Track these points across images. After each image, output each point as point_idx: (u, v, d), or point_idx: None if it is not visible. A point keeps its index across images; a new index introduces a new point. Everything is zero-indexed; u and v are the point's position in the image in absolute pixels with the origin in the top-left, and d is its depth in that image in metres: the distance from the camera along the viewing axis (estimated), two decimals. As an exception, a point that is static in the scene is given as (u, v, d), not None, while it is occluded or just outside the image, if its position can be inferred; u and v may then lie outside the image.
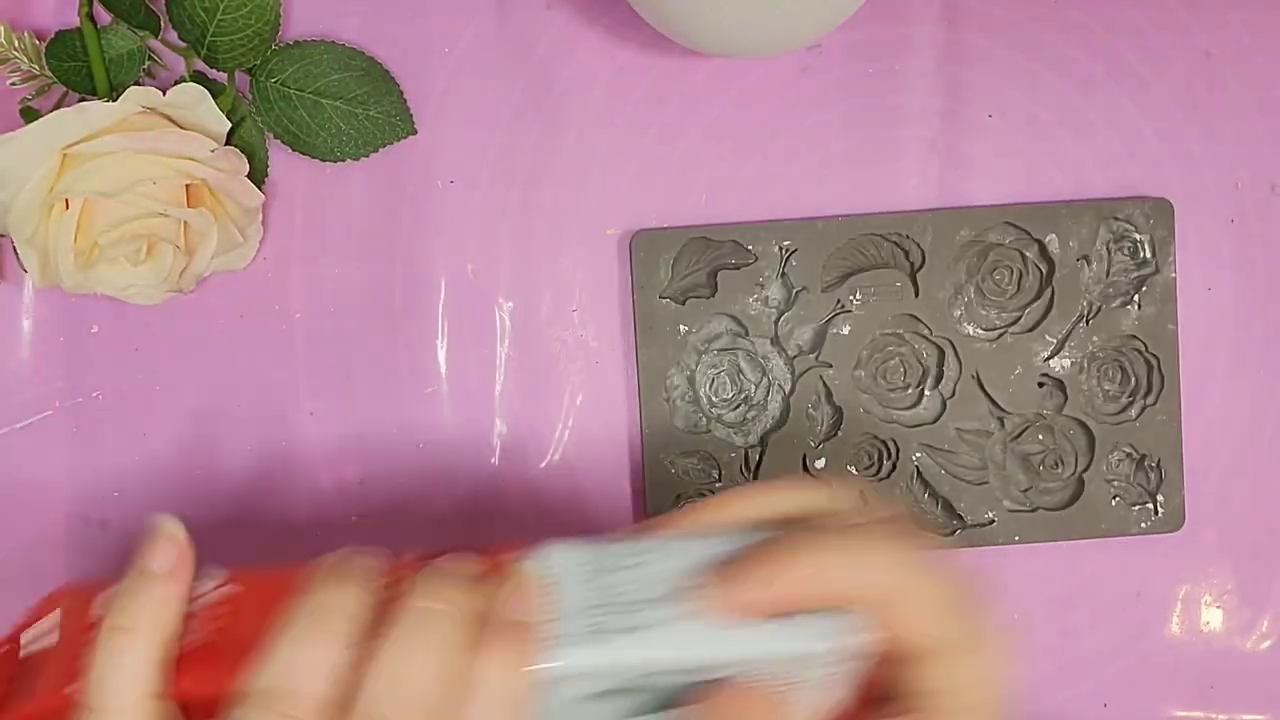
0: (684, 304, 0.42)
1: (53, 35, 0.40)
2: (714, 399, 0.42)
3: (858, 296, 0.42)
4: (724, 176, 0.43)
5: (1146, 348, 0.42)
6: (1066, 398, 0.42)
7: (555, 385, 0.43)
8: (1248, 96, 0.43)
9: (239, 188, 0.39)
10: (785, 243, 0.42)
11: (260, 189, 0.41)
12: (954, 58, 0.43)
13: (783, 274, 0.42)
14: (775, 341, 0.42)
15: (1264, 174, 0.43)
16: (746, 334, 0.42)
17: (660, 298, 0.42)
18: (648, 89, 0.43)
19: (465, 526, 0.43)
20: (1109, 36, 0.43)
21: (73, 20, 0.40)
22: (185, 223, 0.39)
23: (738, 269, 0.42)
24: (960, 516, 0.42)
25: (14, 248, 0.39)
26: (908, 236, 0.42)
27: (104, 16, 0.41)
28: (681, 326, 0.42)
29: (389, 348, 0.43)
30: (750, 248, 0.42)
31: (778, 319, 0.42)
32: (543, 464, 0.43)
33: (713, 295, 0.42)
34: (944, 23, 0.43)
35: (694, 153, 0.43)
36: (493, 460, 0.43)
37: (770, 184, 0.43)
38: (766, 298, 0.42)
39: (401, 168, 0.43)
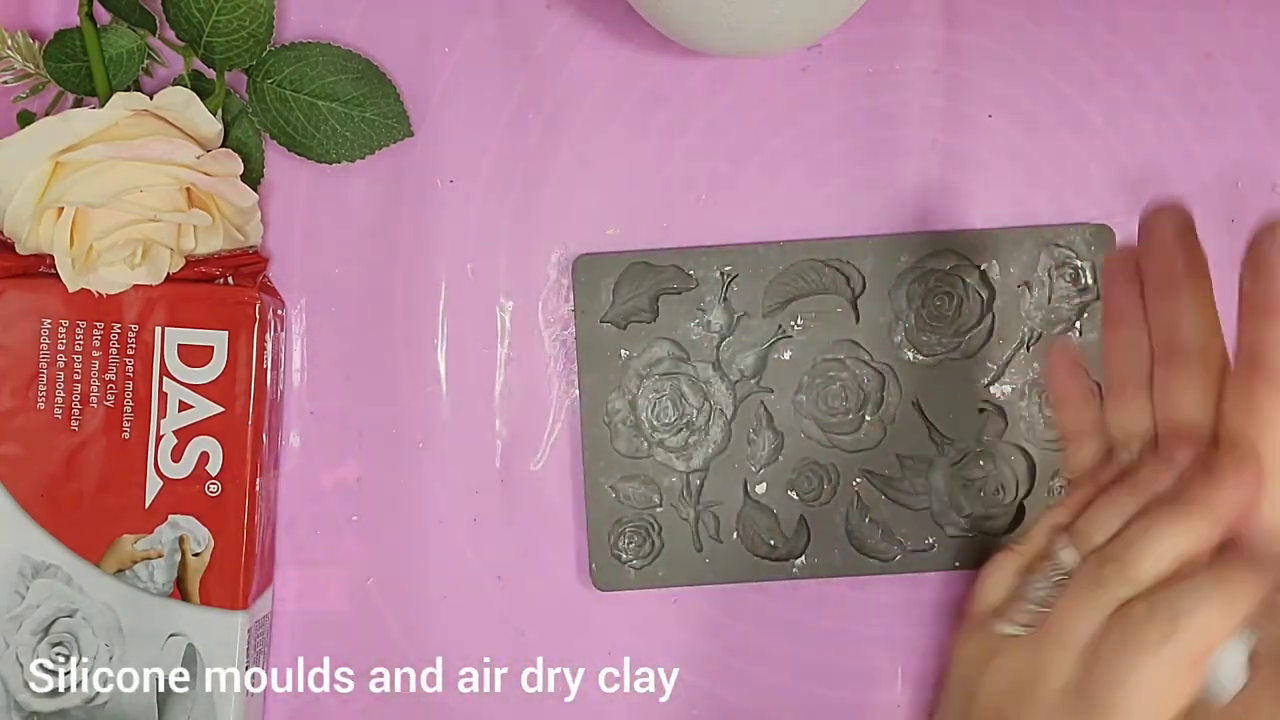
0: (625, 329, 0.42)
1: (52, 35, 0.40)
2: (655, 423, 0.42)
3: (799, 322, 0.42)
4: (724, 176, 0.43)
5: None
6: (1007, 424, 0.42)
7: (555, 385, 0.43)
8: (1248, 96, 0.43)
9: (230, 189, 0.39)
10: (726, 268, 0.42)
11: (257, 189, 0.41)
12: (954, 58, 0.43)
13: (724, 299, 0.42)
14: (717, 366, 0.42)
15: (1264, 174, 0.43)
16: (688, 359, 0.42)
17: (601, 322, 0.42)
18: (648, 89, 0.43)
19: (465, 527, 0.43)
20: (1109, 36, 0.43)
21: (72, 20, 0.40)
22: (183, 224, 0.38)
23: (679, 294, 0.42)
24: (900, 542, 0.42)
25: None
26: (848, 262, 0.42)
27: (104, 16, 0.40)
28: (623, 351, 0.42)
29: (389, 348, 0.43)
30: (691, 273, 0.42)
31: (719, 344, 0.42)
32: (543, 463, 0.43)
33: (654, 320, 0.42)
34: (944, 23, 0.43)
35: (694, 152, 0.43)
36: (493, 460, 0.43)
37: (770, 183, 0.43)
38: (708, 323, 0.42)
39: (401, 168, 0.43)
